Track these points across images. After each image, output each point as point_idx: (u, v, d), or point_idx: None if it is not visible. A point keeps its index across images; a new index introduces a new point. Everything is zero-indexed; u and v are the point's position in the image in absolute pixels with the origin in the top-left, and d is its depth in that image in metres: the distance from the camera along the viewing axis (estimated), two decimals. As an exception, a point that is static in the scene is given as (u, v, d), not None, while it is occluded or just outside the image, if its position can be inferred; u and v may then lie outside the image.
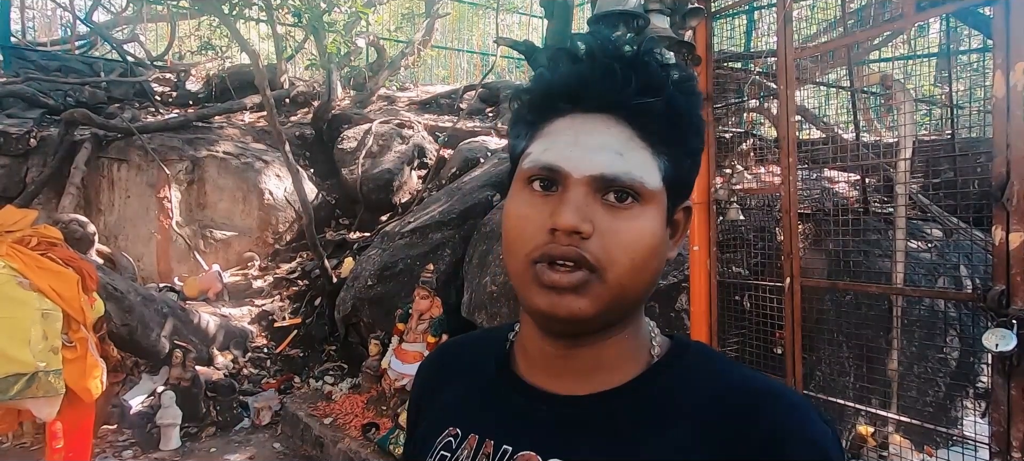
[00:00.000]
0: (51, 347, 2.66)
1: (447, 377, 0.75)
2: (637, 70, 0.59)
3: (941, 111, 3.91)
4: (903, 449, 2.64)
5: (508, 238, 0.61)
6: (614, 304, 0.59)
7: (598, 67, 0.60)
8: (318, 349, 5.12)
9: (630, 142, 0.59)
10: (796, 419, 0.57)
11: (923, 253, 3.21)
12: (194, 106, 7.52)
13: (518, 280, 0.60)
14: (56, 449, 2.85)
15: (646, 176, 0.59)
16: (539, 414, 0.63)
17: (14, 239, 2.81)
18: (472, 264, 4.32)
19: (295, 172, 5.56)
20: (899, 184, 2.68)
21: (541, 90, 0.62)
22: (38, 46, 8.13)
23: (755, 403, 0.58)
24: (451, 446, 0.66)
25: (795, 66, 2.43)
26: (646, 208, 0.59)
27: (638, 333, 0.65)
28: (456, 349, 0.79)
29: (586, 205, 0.57)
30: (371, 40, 8.67)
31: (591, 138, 0.59)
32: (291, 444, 3.98)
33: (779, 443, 0.55)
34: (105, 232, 5.73)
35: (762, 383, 0.61)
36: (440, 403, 0.73)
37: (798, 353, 2.44)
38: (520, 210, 0.60)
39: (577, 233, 0.56)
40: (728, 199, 2.76)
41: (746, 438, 0.55)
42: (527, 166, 0.61)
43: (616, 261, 0.57)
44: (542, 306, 0.58)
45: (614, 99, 0.59)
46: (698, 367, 0.63)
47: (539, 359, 0.65)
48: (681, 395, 0.60)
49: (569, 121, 0.60)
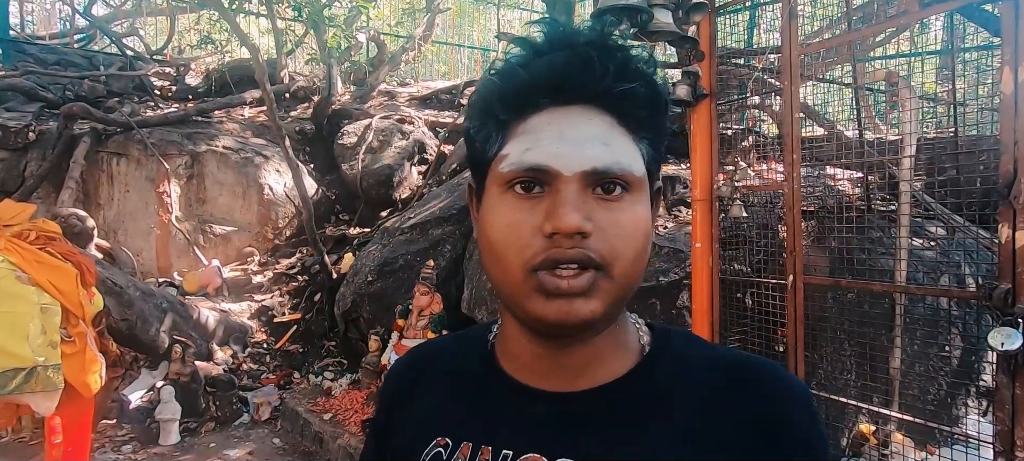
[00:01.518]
0: (50, 342, 2.65)
1: (423, 384, 0.70)
2: (612, 56, 0.57)
3: (945, 109, 3.89)
4: (904, 448, 2.63)
5: (497, 250, 0.57)
6: (621, 299, 0.57)
7: (577, 57, 0.56)
8: (318, 345, 5.12)
9: (613, 131, 0.57)
10: (784, 386, 0.60)
11: (926, 251, 3.20)
12: (194, 101, 7.50)
13: (514, 291, 0.56)
14: (55, 444, 2.84)
15: (633, 164, 0.57)
16: (535, 413, 0.60)
17: (12, 233, 2.79)
18: (472, 260, 4.31)
19: (295, 167, 5.55)
20: (903, 181, 2.67)
21: (515, 86, 0.58)
22: (37, 40, 8.10)
23: (748, 373, 0.60)
24: (441, 457, 0.62)
25: (799, 62, 2.42)
26: (635, 196, 0.57)
27: (626, 324, 0.64)
28: (430, 354, 0.75)
29: (582, 202, 0.55)
30: (371, 35, 8.64)
31: (576, 131, 0.56)
32: (290, 440, 3.98)
33: (779, 402, 0.58)
34: (104, 227, 5.71)
35: (744, 356, 0.64)
36: (418, 412, 0.68)
37: (801, 351, 2.43)
38: (507, 217, 0.56)
39: (581, 233, 0.54)
40: (731, 196, 2.75)
41: (748, 404, 0.58)
42: (506, 169, 0.57)
43: (620, 255, 0.55)
44: (550, 316, 0.55)
45: (596, 89, 0.57)
46: (686, 350, 0.64)
47: (528, 359, 0.62)
48: (679, 378, 0.60)
49: (548, 116, 0.57)
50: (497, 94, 0.59)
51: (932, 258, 3.19)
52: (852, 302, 2.92)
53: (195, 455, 3.76)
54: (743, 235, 2.97)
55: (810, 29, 3.72)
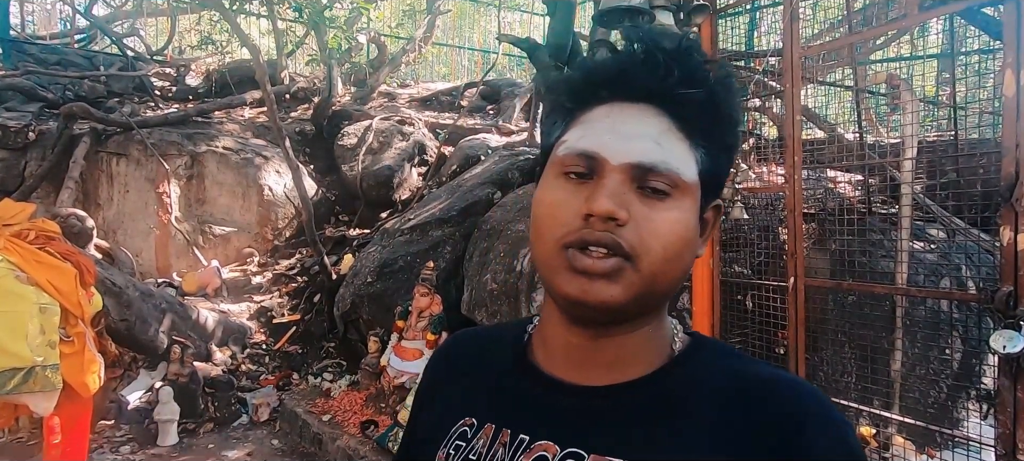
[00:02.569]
0: (49, 342, 2.64)
1: (459, 368, 0.74)
2: (679, 61, 0.59)
3: (945, 112, 3.90)
4: (905, 451, 2.63)
5: (539, 224, 0.60)
6: (645, 294, 0.58)
7: (640, 55, 0.59)
8: (317, 346, 5.11)
9: (668, 133, 0.59)
10: (813, 403, 0.57)
11: (926, 254, 3.20)
12: (194, 101, 7.49)
13: (547, 266, 0.59)
14: (53, 444, 2.83)
15: (683, 168, 0.58)
16: (557, 404, 0.62)
17: (12, 233, 2.78)
18: (472, 262, 4.31)
19: (295, 168, 5.54)
20: (904, 184, 2.67)
21: (582, 77, 0.62)
22: (38, 40, 8.10)
23: (771, 391, 0.58)
24: (466, 435, 0.65)
25: (801, 64, 2.42)
26: (681, 200, 0.58)
27: (661, 327, 0.64)
28: (469, 341, 0.78)
29: (623, 193, 0.57)
30: (372, 36, 8.65)
31: (629, 126, 0.59)
32: (289, 441, 3.97)
33: (798, 424, 0.55)
34: (104, 227, 5.70)
35: (778, 374, 0.61)
36: (451, 394, 0.72)
37: (801, 353, 2.43)
38: (553, 196, 0.60)
39: (613, 219, 0.56)
40: (732, 198, 2.75)
41: (764, 423, 0.56)
42: (562, 153, 0.60)
43: (650, 250, 0.57)
44: (572, 292, 0.57)
45: (655, 88, 0.59)
46: (715, 361, 0.63)
47: (561, 351, 0.64)
48: (699, 387, 0.60)
49: (607, 109, 0.60)
50: (566, 84, 0.63)
51: (932, 261, 3.19)
52: (852, 305, 2.91)
53: (193, 456, 3.74)
54: (744, 237, 2.97)
55: (811, 31, 3.72)
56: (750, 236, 2.98)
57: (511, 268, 3.87)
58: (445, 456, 0.65)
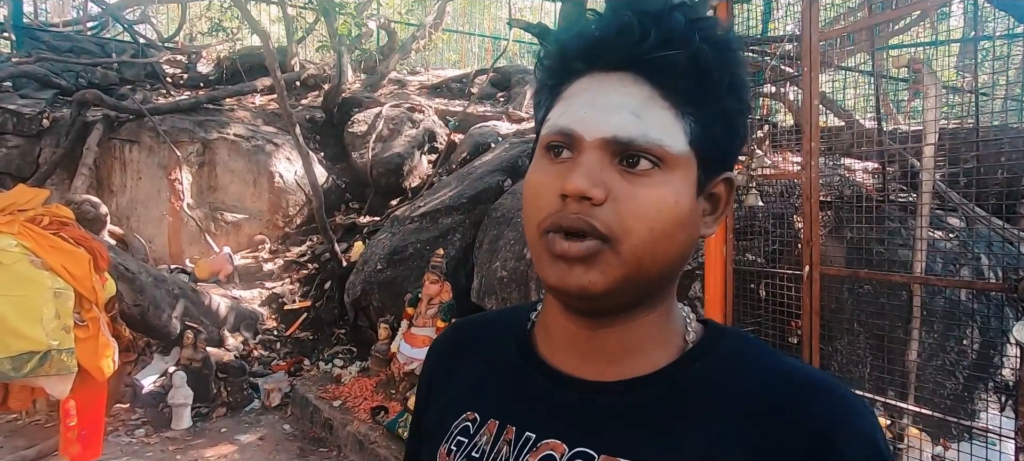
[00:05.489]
0: (63, 326, 2.67)
1: (462, 357, 0.70)
2: (658, 22, 0.53)
3: (964, 99, 3.81)
4: (920, 442, 2.59)
5: (524, 208, 0.58)
6: (630, 279, 0.54)
7: (614, 22, 0.55)
8: (327, 332, 5.13)
9: (650, 102, 0.54)
10: (845, 413, 0.53)
11: (945, 243, 3.14)
12: (205, 88, 7.51)
13: (533, 253, 0.57)
14: (70, 426, 2.87)
15: (667, 139, 0.53)
16: (564, 399, 0.59)
17: (26, 218, 2.81)
18: (482, 249, 4.29)
19: (305, 155, 5.55)
20: (925, 171, 2.61)
21: (557, 51, 0.59)
22: (51, 27, 8.14)
23: (802, 395, 0.54)
24: (469, 431, 0.62)
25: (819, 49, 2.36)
26: (669, 174, 0.54)
27: (669, 315, 0.60)
28: (472, 328, 0.75)
29: (600, 170, 0.53)
30: (382, 23, 8.61)
31: (607, 98, 0.54)
32: (300, 426, 4.00)
33: (829, 439, 0.51)
34: (117, 213, 5.75)
35: (808, 374, 0.57)
36: (454, 384, 0.68)
37: (816, 343, 2.40)
38: (535, 178, 0.57)
39: (587, 199, 0.52)
40: (746, 185, 2.71)
41: (792, 432, 0.52)
42: (544, 133, 0.58)
43: (632, 230, 0.52)
44: (551, 279, 0.55)
45: (631, 54, 0.54)
46: (736, 354, 0.59)
47: (562, 340, 0.61)
48: (719, 384, 0.56)
49: (586, 82, 0.56)
50: (545, 60, 0.60)
51: (950, 250, 3.13)
52: (868, 294, 2.87)
53: (206, 439, 3.79)
54: (758, 225, 2.93)
55: (829, 15, 3.65)
56: (764, 224, 2.93)
57: (521, 255, 3.85)
58: (446, 452, 0.62)
